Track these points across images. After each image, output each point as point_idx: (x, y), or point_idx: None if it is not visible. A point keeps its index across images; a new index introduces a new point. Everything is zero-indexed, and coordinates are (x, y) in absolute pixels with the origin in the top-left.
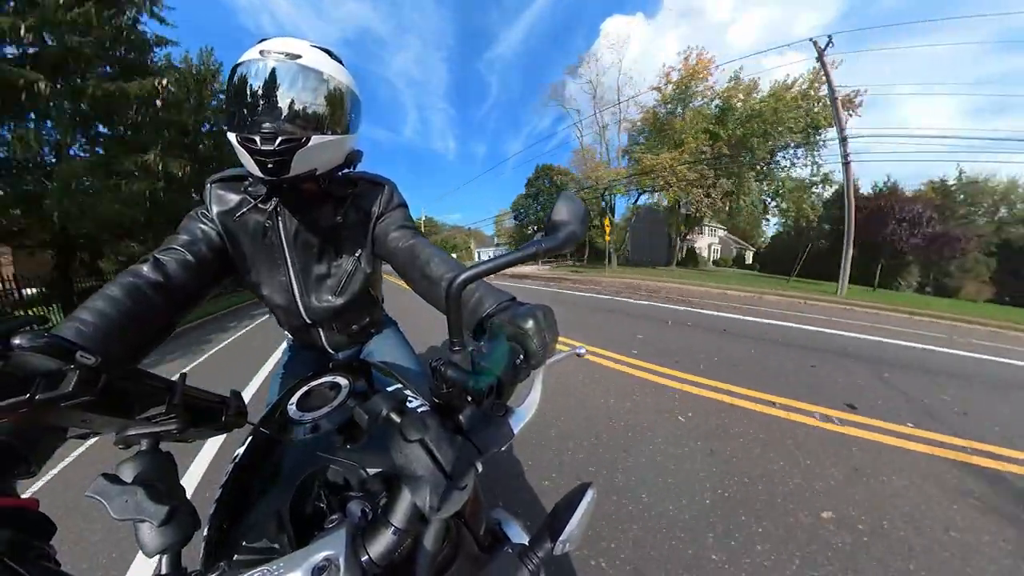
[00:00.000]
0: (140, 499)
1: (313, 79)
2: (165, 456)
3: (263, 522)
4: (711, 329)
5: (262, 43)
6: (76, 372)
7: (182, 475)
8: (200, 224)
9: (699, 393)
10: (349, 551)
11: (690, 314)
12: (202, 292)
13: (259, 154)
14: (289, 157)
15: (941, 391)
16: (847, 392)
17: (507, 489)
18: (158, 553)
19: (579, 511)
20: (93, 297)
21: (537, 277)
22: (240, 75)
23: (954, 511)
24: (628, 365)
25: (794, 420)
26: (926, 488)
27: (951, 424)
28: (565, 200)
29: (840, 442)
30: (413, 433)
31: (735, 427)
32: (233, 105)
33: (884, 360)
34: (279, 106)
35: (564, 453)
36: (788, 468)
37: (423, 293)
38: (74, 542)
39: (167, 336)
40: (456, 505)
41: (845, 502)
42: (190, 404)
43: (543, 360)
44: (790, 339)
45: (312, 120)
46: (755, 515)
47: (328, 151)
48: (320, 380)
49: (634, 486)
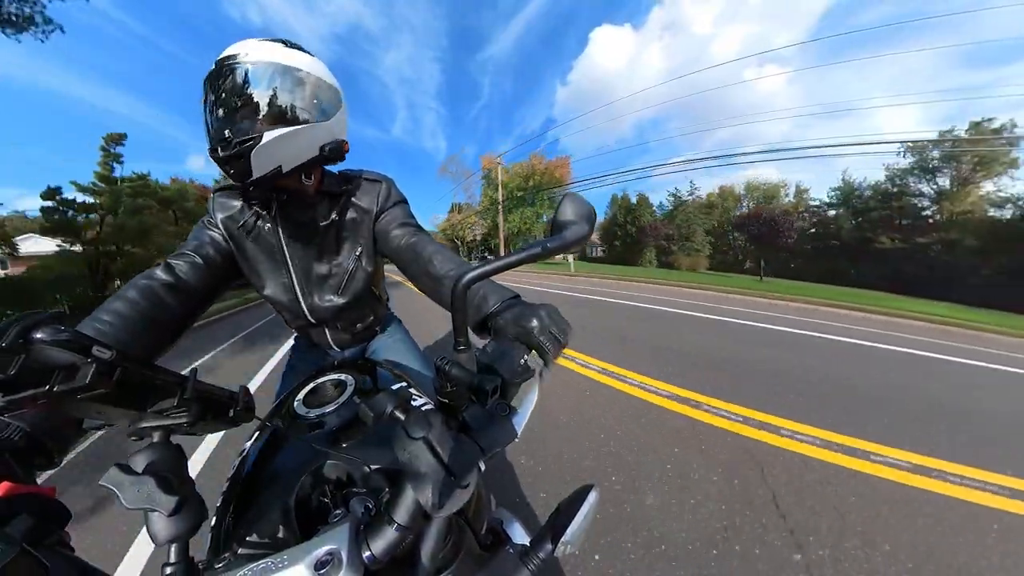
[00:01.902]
0: (151, 489)
1: (259, 73)
2: (175, 448)
3: (268, 515)
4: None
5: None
6: (93, 365)
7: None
8: (207, 231)
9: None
10: (352, 545)
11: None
12: (212, 294)
13: (222, 163)
14: (246, 159)
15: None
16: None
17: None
18: (167, 542)
19: (581, 512)
20: (111, 299)
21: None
22: (202, 92)
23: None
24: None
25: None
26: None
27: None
28: (571, 199)
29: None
30: (417, 431)
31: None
32: (203, 125)
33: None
34: (230, 110)
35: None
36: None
37: (427, 291)
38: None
39: (180, 336)
40: (458, 503)
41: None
42: (200, 398)
43: (550, 359)
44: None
45: (263, 116)
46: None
47: (289, 145)
48: (326, 377)
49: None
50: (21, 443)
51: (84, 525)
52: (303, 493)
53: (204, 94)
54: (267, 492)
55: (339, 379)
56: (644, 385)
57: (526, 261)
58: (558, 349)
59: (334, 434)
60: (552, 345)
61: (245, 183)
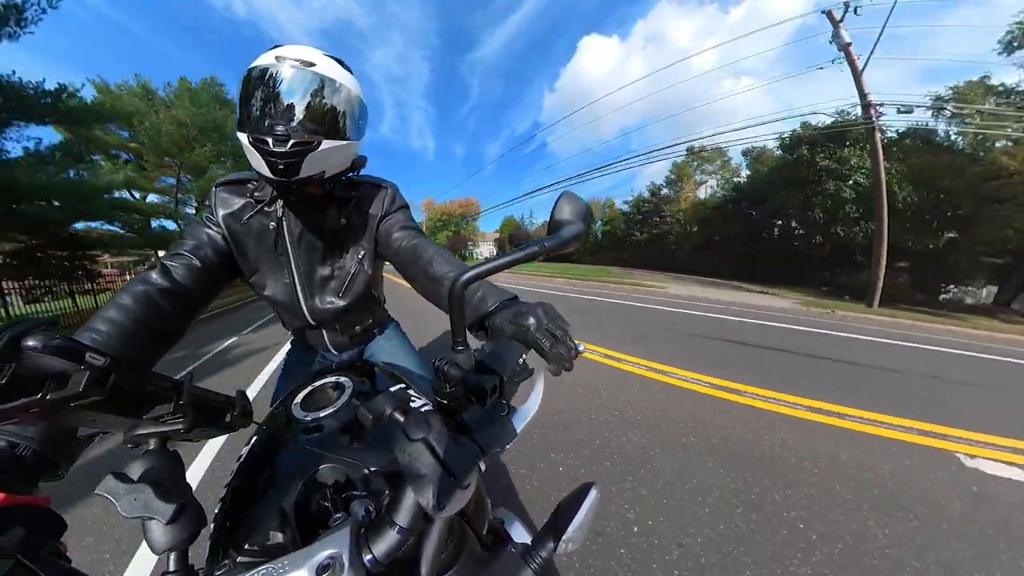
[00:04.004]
0: (148, 497)
1: (327, 86)
2: (172, 455)
3: (268, 521)
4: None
5: (277, 49)
6: (86, 372)
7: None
8: (205, 228)
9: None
10: (353, 549)
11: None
12: (209, 295)
13: (271, 155)
14: (300, 160)
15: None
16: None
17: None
18: (166, 550)
19: (582, 510)
20: (106, 306)
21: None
22: (255, 78)
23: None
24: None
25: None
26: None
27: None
28: (567, 198)
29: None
30: (416, 432)
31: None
32: (247, 106)
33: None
34: (293, 110)
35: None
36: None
37: (425, 292)
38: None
39: (178, 340)
40: (459, 504)
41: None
42: (197, 404)
43: (549, 356)
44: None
45: (323, 125)
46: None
47: (336, 155)
48: (324, 380)
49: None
50: (31, 460)
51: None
52: (302, 497)
53: (258, 81)
54: (266, 497)
55: (337, 382)
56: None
57: (524, 260)
58: (557, 347)
59: (333, 437)
60: (550, 343)
61: (289, 179)
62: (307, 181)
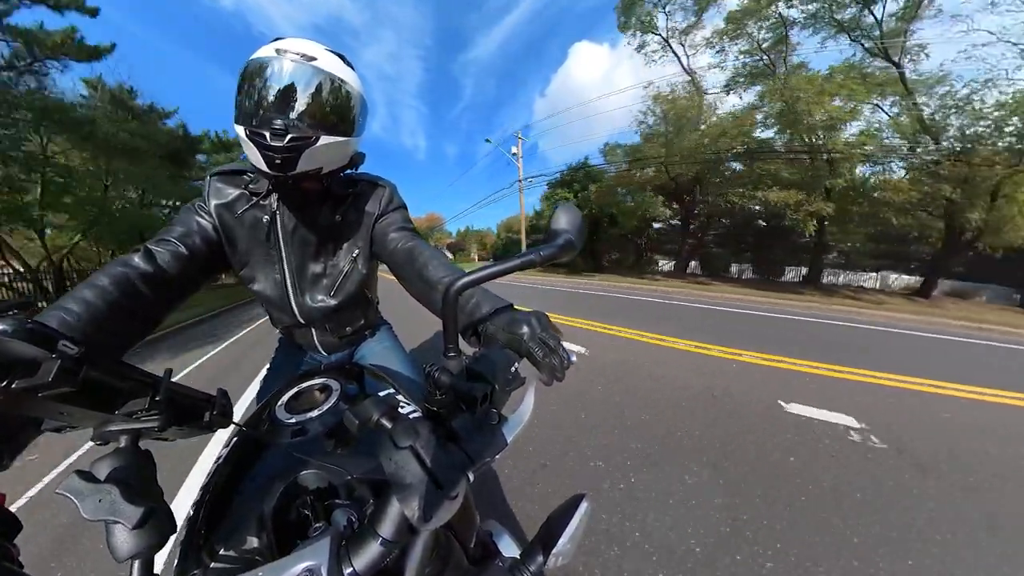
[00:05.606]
0: (115, 499)
1: (327, 82)
2: (144, 455)
3: (244, 528)
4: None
5: (278, 42)
6: (57, 361)
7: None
8: (197, 216)
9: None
10: (332, 562)
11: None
12: (192, 285)
13: (268, 149)
14: (297, 154)
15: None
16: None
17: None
18: (129, 558)
19: (573, 524)
20: (80, 285)
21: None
22: (255, 70)
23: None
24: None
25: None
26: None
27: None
28: (564, 210)
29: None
30: (404, 439)
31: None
32: (245, 98)
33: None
34: (292, 104)
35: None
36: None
37: (418, 295)
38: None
39: (154, 329)
40: (446, 515)
41: None
42: (174, 401)
43: (542, 366)
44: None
45: (322, 121)
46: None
47: (334, 151)
48: (310, 382)
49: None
50: None
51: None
52: (282, 504)
53: (257, 73)
54: (243, 503)
55: (324, 384)
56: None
57: (520, 268)
58: (550, 357)
59: (317, 441)
60: (543, 352)
61: (285, 174)
62: (303, 176)
